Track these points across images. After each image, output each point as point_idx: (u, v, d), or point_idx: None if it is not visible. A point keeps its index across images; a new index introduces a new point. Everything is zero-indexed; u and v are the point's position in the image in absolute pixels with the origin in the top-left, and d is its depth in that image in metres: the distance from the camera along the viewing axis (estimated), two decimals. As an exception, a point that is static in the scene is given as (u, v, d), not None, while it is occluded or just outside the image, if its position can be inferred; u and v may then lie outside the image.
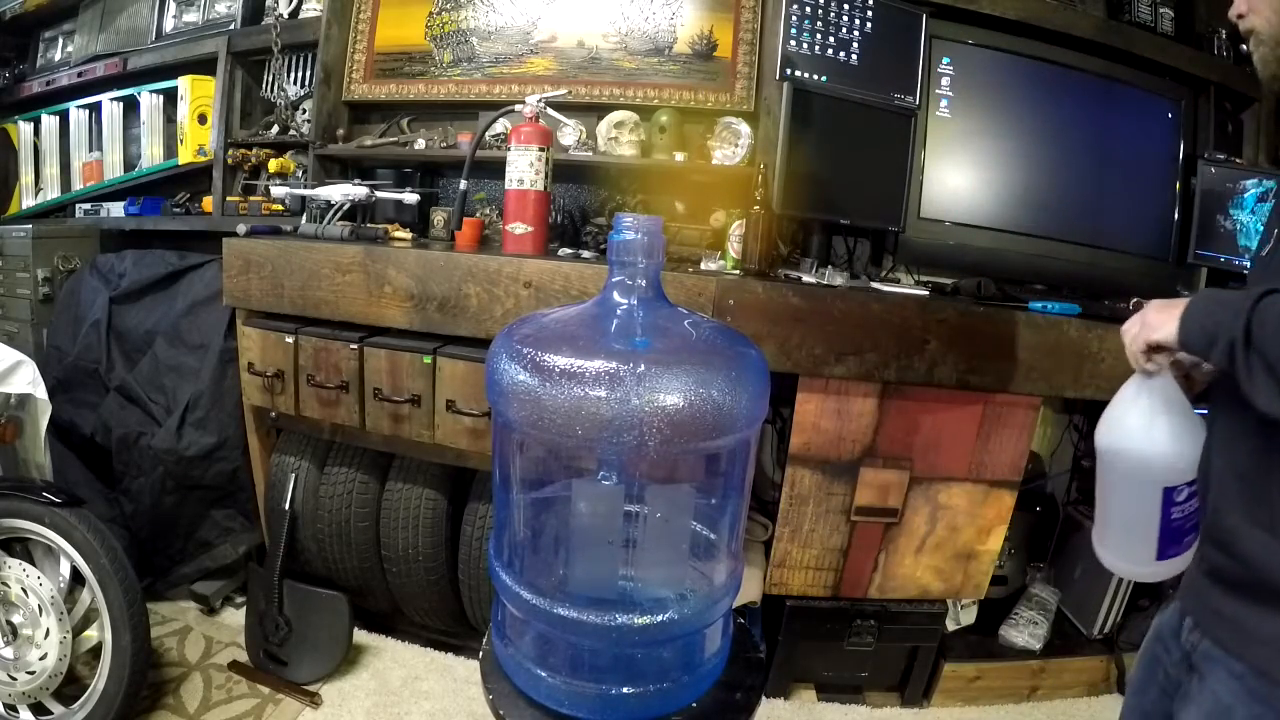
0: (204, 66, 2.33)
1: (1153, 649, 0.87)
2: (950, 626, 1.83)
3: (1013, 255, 1.84)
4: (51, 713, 1.45)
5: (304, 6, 2.26)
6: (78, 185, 2.63)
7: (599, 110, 1.95)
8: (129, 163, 2.54)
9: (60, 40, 2.76)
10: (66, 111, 2.61)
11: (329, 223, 1.76)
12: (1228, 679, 0.71)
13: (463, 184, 1.79)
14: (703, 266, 1.69)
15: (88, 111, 2.58)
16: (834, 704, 1.75)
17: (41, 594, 1.41)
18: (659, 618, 0.71)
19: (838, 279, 1.59)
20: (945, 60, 1.82)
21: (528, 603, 0.73)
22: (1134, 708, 0.89)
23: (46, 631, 1.41)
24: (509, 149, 1.64)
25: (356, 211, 1.82)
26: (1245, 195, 1.92)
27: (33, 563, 1.45)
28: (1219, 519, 0.74)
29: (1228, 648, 0.71)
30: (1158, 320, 0.75)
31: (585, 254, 1.73)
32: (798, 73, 1.72)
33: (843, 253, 1.94)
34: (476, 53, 2.06)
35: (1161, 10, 1.98)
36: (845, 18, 1.75)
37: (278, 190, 1.96)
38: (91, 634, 1.45)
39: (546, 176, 1.65)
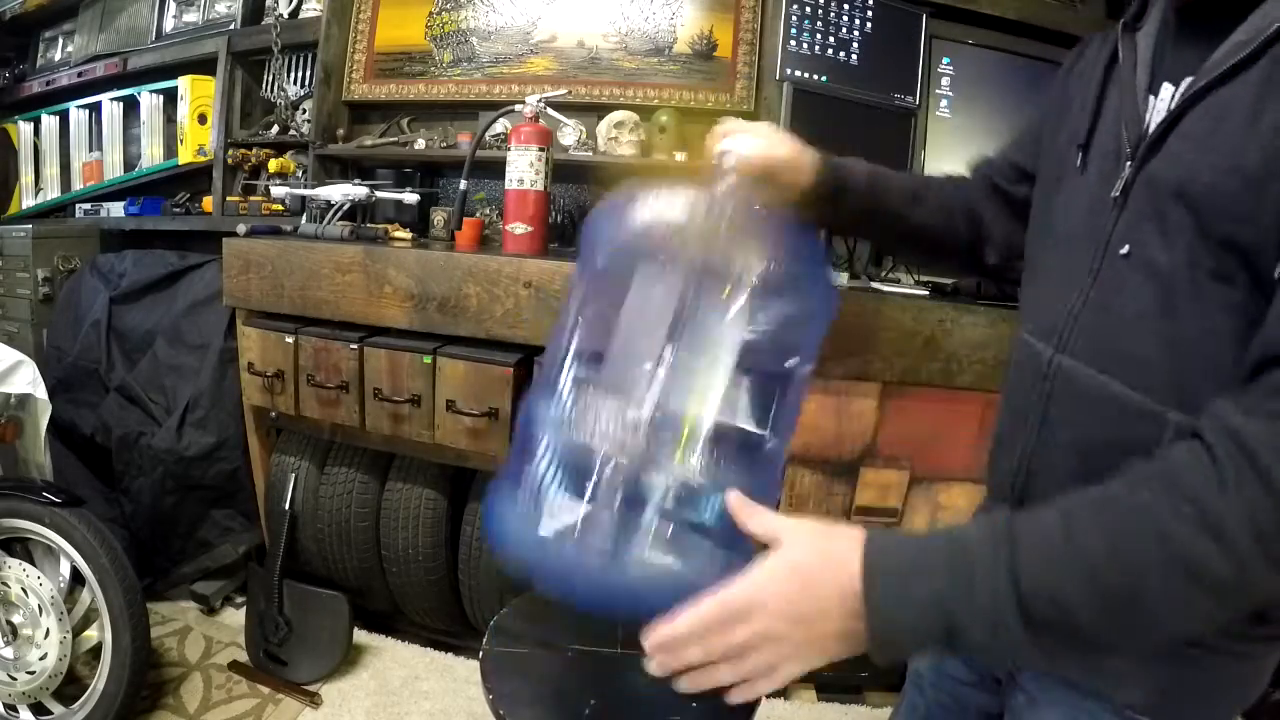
0: (204, 66, 2.33)
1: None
2: (950, 626, 1.83)
3: (1013, 255, 1.84)
4: (51, 713, 1.45)
5: (304, 6, 2.25)
6: (78, 185, 2.63)
7: (599, 110, 1.95)
8: (129, 163, 2.54)
9: (60, 40, 2.76)
10: (66, 111, 2.61)
11: (329, 223, 1.76)
12: (1076, 713, 0.62)
13: (463, 184, 1.79)
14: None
15: (88, 111, 2.58)
16: (834, 704, 1.75)
17: (41, 594, 1.41)
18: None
19: (838, 279, 1.59)
20: (945, 60, 1.82)
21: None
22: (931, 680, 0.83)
23: (46, 631, 1.41)
24: (509, 149, 1.64)
25: (356, 211, 1.82)
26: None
27: (33, 563, 1.45)
28: None
29: (1068, 674, 0.63)
30: (801, 632, 0.47)
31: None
32: (798, 72, 1.72)
33: (843, 252, 1.94)
34: (476, 53, 2.06)
35: (1161, 10, 1.98)
36: (845, 18, 1.75)
37: (278, 190, 1.96)
38: (91, 634, 1.45)
39: (546, 176, 1.65)
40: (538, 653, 1.00)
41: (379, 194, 1.84)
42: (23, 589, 1.41)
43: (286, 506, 1.75)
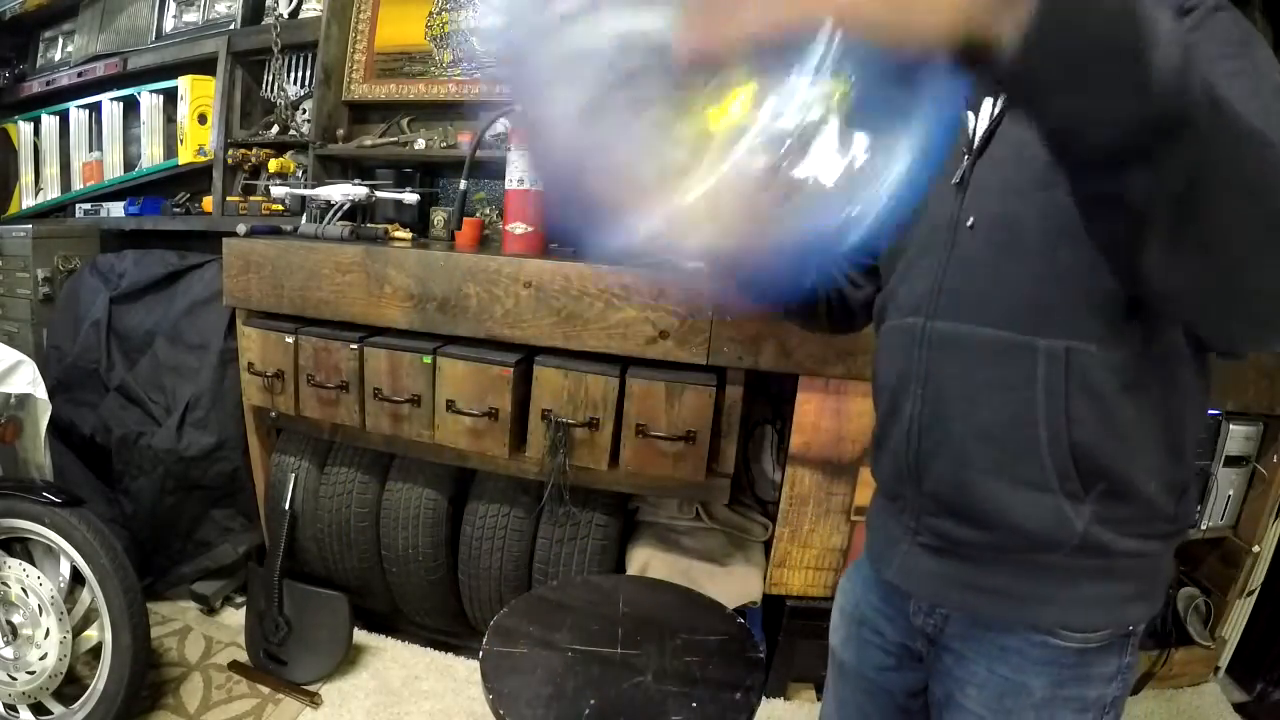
0: (204, 66, 2.32)
1: (859, 631, 0.84)
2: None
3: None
4: (51, 713, 1.45)
5: (304, 6, 2.25)
6: (78, 185, 2.63)
7: (599, 110, 1.95)
8: (129, 163, 2.54)
9: (60, 40, 2.75)
10: (66, 111, 2.61)
11: (329, 223, 1.76)
12: (1006, 655, 0.68)
13: (463, 184, 1.79)
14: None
15: (88, 111, 2.58)
16: (834, 704, 1.75)
17: (41, 594, 1.41)
18: None
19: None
20: (945, 60, 1.82)
21: None
22: (855, 684, 0.87)
23: (46, 631, 1.41)
24: (509, 149, 1.64)
25: (356, 211, 1.82)
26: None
27: (33, 563, 1.45)
28: (964, 491, 0.67)
29: (1002, 622, 0.68)
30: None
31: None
32: (798, 73, 1.72)
33: (843, 253, 1.94)
34: (476, 52, 2.06)
35: (1161, 10, 1.98)
36: (845, 18, 1.75)
37: (278, 190, 1.96)
38: (91, 634, 1.45)
39: (546, 176, 1.65)
40: (538, 653, 1.00)
41: (379, 194, 1.84)
42: (23, 589, 1.41)
43: (286, 506, 1.75)
